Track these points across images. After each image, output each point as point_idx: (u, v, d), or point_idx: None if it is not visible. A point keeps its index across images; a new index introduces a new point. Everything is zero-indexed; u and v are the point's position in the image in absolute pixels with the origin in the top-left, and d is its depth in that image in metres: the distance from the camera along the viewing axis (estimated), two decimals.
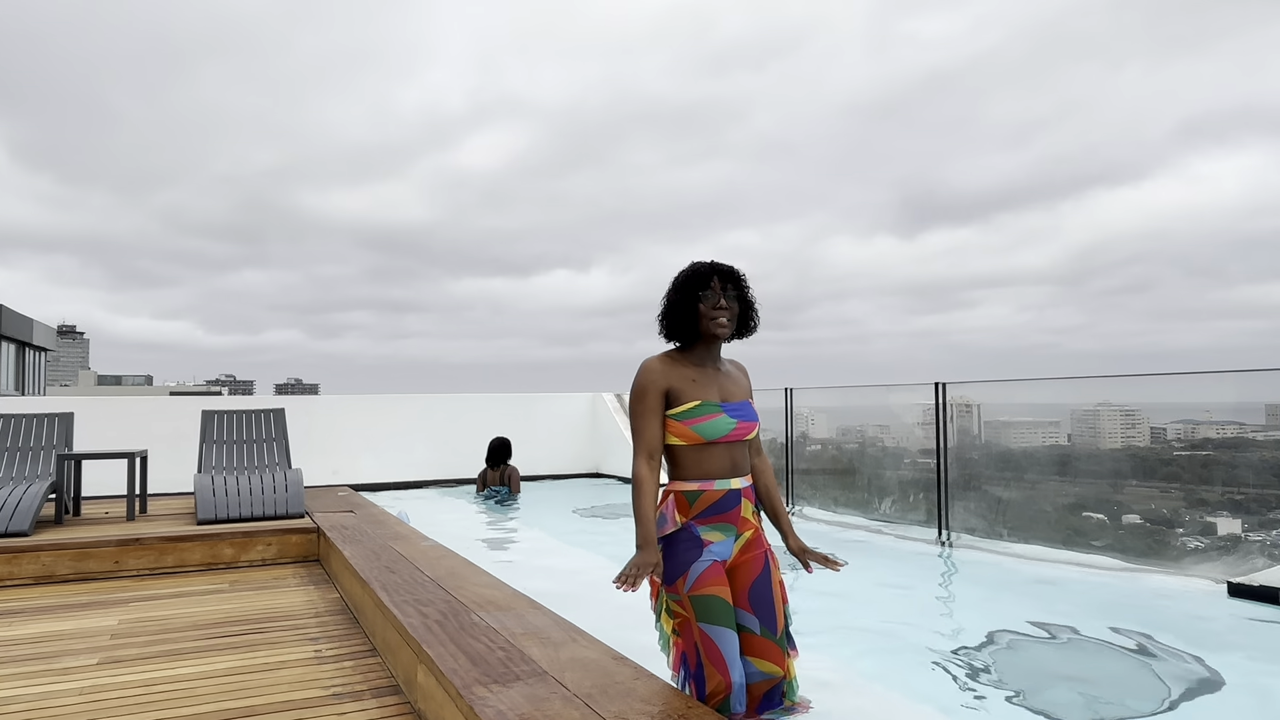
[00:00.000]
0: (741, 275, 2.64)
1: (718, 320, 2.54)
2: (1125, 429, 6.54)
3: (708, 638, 2.44)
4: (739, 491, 2.59)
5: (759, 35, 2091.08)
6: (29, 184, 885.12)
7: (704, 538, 2.53)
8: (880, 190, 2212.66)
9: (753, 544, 2.63)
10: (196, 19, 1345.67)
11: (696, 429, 2.50)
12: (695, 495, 2.54)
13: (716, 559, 2.53)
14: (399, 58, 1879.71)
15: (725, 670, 2.42)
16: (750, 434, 2.61)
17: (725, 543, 2.57)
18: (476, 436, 10.43)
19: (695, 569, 2.49)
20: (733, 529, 2.58)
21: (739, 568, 2.59)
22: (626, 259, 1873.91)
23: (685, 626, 2.50)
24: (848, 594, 4.89)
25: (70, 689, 3.04)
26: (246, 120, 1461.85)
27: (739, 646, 2.49)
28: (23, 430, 6.67)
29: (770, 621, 2.55)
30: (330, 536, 5.12)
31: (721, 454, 2.55)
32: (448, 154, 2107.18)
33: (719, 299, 2.55)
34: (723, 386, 2.61)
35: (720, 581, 2.51)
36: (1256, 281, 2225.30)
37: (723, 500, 2.55)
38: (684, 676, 2.51)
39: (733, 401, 2.61)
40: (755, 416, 2.64)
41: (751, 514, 2.65)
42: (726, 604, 2.49)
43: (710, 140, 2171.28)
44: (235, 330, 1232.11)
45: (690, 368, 2.59)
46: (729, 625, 2.47)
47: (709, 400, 2.54)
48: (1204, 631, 4.06)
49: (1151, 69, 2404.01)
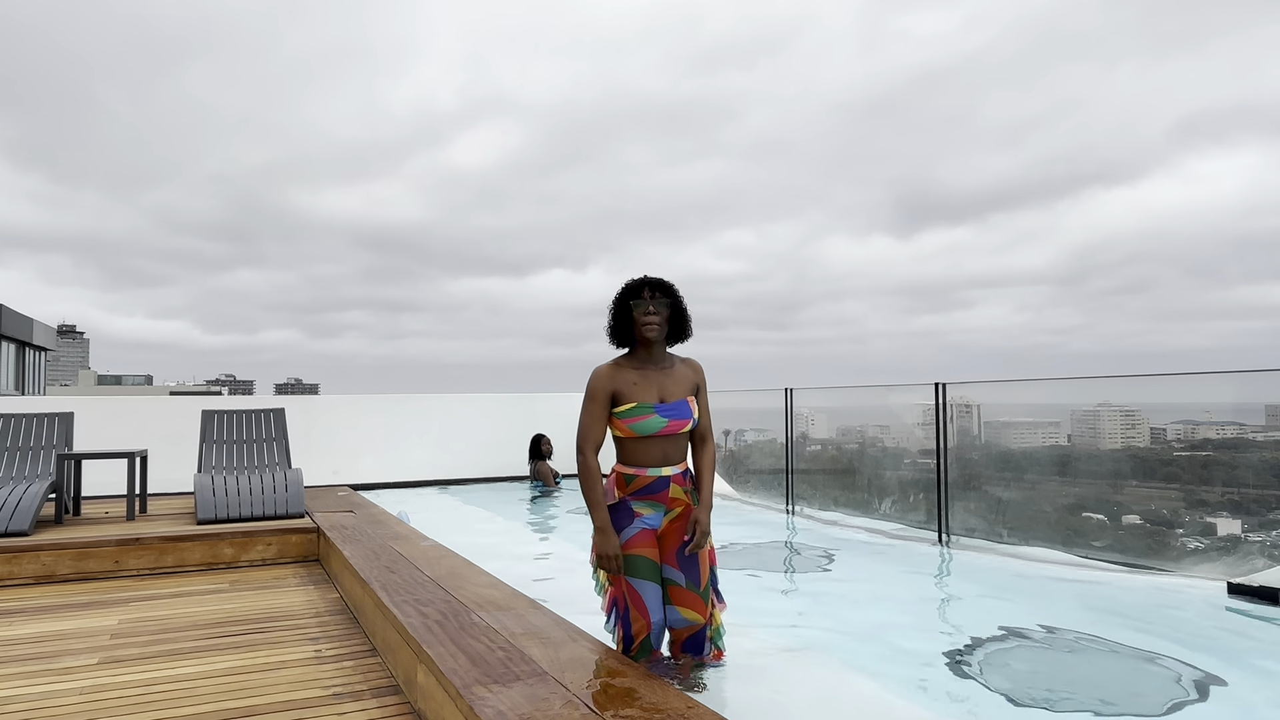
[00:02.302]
0: (671, 286, 3.05)
1: (648, 324, 2.97)
2: (1125, 429, 6.54)
3: (633, 588, 2.97)
4: (668, 478, 3.02)
5: (749, 32, 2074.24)
6: (19, 182, 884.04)
7: (636, 510, 3.02)
8: (875, 189, 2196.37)
9: (681, 516, 3.06)
10: (182, 14, 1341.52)
11: (632, 427, 2.96)
12: (631, 478, 3.02)
13: (646, 526, 3.02)
14: (387, 54, 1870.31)
15: (646, 614, 2.97)
16: (681, 430, 3.02)
17: (655, 515, 3.04)
18: (476, 436, 10.43)
19: (626, 533, 3.00)
20: (662, 506, 3.04)
21: (670, 534, 3.06)
22: (623, 258, 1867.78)
23: (616, 578, 3.01)
24: (848, 594, 4.89)
25: (70, 689, 3.05)
26: (236, 118, 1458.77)
27: (664, 596, 3.02)
28: (23, 430, 6.67)
29: (695, 578, 3.04)
30: (330, 536, 5.12)
31: (655, 447, 2.99)
32: (440, 152, 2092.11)
33: (649, 306, 2.98)
34: (663, 387, 3.02)
35: (647, 544, 3.01)
36: (1255, 281, 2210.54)
37: (653, 484, 3.01)
38: (614, 618, 3.05)
39: (669, 402, 3.01)
40: (688, 414, 3.02)
41: (683, 494, 3.06)
42: (651, 562, 3.00)
43: (703, 139, 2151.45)
44: (232, 330, 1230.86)
45: (633, 371, 3.02)
46: (651, 579, 2.99)
47: (645, 403, 2.97)
48: (1204, 632, 4.06)
49: (1146, 67, 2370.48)
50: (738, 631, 4.05)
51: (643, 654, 2.97)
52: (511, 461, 10.28)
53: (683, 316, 3.07)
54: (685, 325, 3.09)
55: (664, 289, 3.01)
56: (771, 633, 4.06)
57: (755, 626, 4.13)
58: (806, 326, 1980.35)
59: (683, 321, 3.08)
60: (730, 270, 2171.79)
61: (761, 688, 3.28)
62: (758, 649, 3.79)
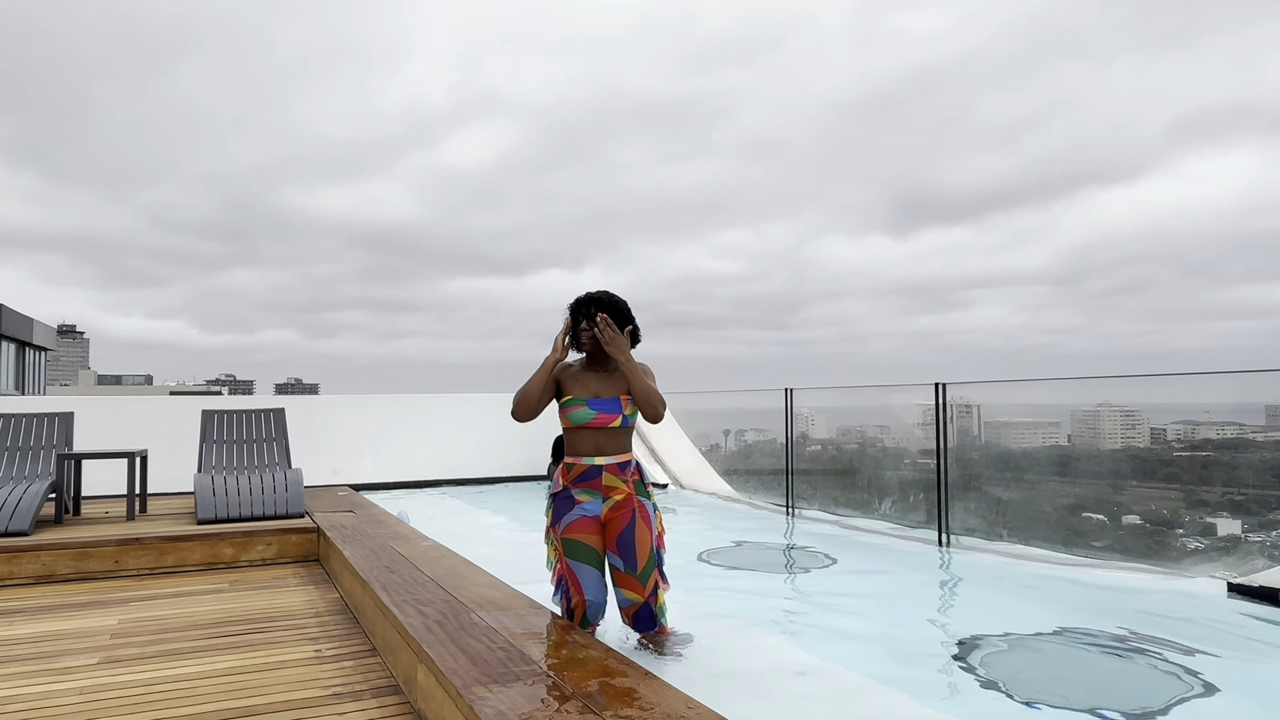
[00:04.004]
0: (609, 301, 3.43)
1: (581, 338, 3.44)
2: (1125, 429, 6.54)
3: (570, 569, 3.40)
4: (600, 467, 3.41)
5: (744, 30, 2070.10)
6: (13, 182, 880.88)
7: (577, 498, 3.44)
8: (871, 189, 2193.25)
9: (621, 505, 3.45)
10: (174, 12, 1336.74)
11: (568, 416, 3.41)
12: (571, 467, 3.44)
13: (585, 514, 3.43)
14: (379, 52, 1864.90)
15: (581, 592, 3.36)
16: (609, 424, 3.39)
17: (594, 502, 3.44)
18: (477, 436, 10.43)
19: (565, 519, 3.43)
20: (598, 494, 3.43)
21: (610, 522, 3.45)
22: (620, 258, 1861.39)
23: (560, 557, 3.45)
24: (848, 594, 4.89)
25: (70, 689, 3.04)
26: (229, 116, 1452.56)
27: (602, 577, 3.42)
28: (23, 430, 6.67)
29: (631, 562, 3.41)
30: (330, 536, 5.12)
31: (588, 438, 3.41)
32: (434, 151, 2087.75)
33: (582, 321, 3.42)
34: (600, 386, 3.43)
35: (585, 530, 3.41)
36: (1254, 281, 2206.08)
37: (587, 472, 3.41)
38: (560, 592, 3.46)
39: (599, 399, 3.41)
40: (616, 410, 3.40)
41: (620, 483, 3.43)
42: (586, 545, 3.40)
43: (699, 138, 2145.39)
44: (230, 330, 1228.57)
45: (580, 370, 3.49)
46: (588, 563, 3.39)
47: (578, 396, 3.41)
48: (1204, 632, 4.06)
49: (1142, 66, 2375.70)
50: (738, 631, 4.05)
51: (583, 625, 3.37)
52: (512, 461, 10.29)
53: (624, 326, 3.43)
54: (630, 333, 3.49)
55: (599, 305, 3.42)
56: (772, 633, 4.07)
57: (755, 626, 4.14)
58: (805, 326, 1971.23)
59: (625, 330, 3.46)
60: (728, 270, 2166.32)
61: (762, 687, 3.28)
62: (758, 648, 3.79)
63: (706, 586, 5.01)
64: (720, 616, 4.31)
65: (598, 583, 3.39)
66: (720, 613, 4.39)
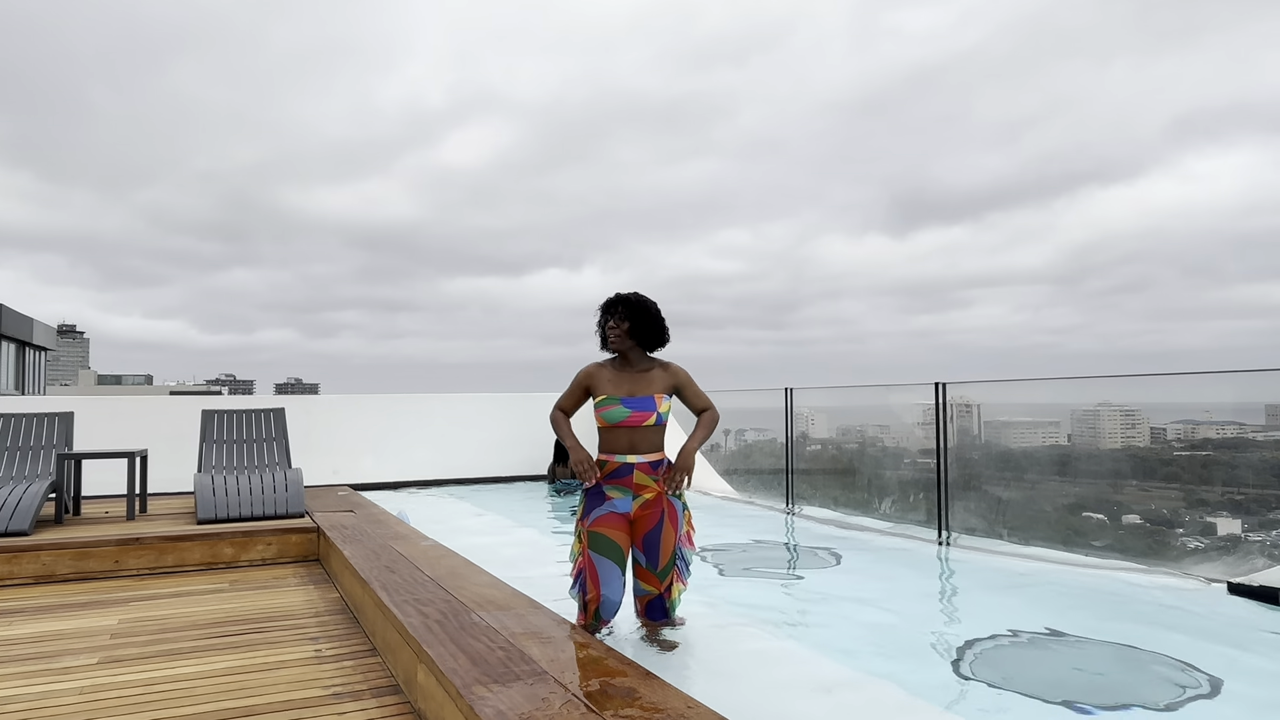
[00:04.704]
0: (636, 302, 3.51)
1: (609, 336, 3.53)
2: (1125, 429, 6.54)
3: (592, 562, 3.45)
4: (632, 465, 3.47)
5: (741, 29, 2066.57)
6: (10, 181, 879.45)
7: (608, 494, 3.49)
8: (870, 188, 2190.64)
9: (651, 504, 3.50)
10: (170, 10, 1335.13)
11: (603, 415, 3.49)
12: (604, 464, 3.51)
13: (615, 510, 3.48)
14: (376, 51, 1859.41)
15: (598, 586, 3.42)
16: (644, 422, 3.46)
17: (624, 499, 3.49)
18: (477, 436, 10.43)
19: (595, 513, 3.49)
20: (629, 491, 3.49)
21: (639, 520, 3.51)
22: (619, 258, 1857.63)
23: (584, 550, 3.50)
24: (849, 593, 4.89)
25: (70, 689, 3.04)
26: (226, 115, 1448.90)
27: (622, 575, 3.47)
28: (23, 430, 6.67)
29: (654, 560, 3.52)
30: (330, 536, 5.12)
31: (622, 436, 3.47)
32: (431, 150, 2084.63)
33: (610, 320, 3.52)
34: (633, 385, 3.50)
35: (612, 525, 3.46)
36: (1254, 281, 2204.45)
37: (619, 469, 3.48)
38: (578, 583, 3.52)
39: (634, 397, 3.48)
40: (650, 408, 3.47)
41: (650, 482, 3.48)
42: (611, 541, 3.45)
43: (697, 137, 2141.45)
44: (229, 329, 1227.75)
45: (611, 371, 3.56)
46: (612, 558, 3.44)
47: (613, 395, 3.48)
48: (1204, 632, 4.06)
49: (1141, 64, 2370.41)
50: (738, 631, 4.05)
51: (595, 620, 3.44)
52: (512, 461, 10.29)
53: (651, 327, 3.52)
54: (655, 334, 3.55)
55: (627, 305, 3.50)
56: (772, 632, 4.06)
57: (756, 625, 4.13)
58: (804, 326, 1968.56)
59: (653, 331, 3.54)
60: (727, 270, 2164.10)
61: (762, 687, 3.28)
62: (758, 648, 3.79)
63: (707, 586, 5.01)
64: (720, 616, 4.30)
65: (617, 580, 3.45)
66: (720, 612, 4.38)
